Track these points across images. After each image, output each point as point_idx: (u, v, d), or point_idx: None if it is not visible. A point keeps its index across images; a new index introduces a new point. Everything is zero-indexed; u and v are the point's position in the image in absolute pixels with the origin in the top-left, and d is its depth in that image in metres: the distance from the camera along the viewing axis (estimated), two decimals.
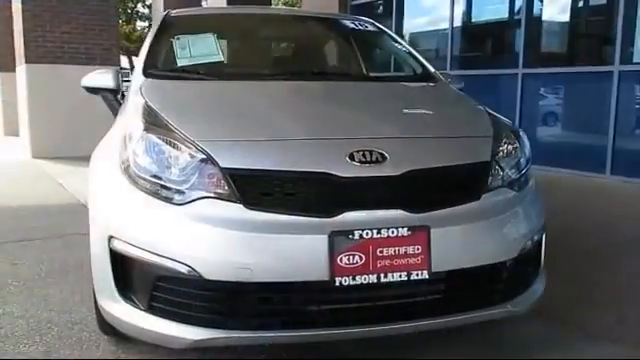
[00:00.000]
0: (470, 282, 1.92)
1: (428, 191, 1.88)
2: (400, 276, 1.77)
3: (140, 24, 31.23)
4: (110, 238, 1.89)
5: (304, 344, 1.87)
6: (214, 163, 1.80)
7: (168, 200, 1.81)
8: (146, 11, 30.09)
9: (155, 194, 1.83)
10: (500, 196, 2.00)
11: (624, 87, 6.32)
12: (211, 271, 1.73)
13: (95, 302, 2.43)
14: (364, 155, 1.83)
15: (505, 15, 8.27)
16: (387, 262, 1.76)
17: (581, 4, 7.77)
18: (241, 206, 1.75)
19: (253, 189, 1.78)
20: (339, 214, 1.76)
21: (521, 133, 2.26)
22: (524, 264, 2.04)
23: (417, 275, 1.78)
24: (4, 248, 3.61)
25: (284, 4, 26.47)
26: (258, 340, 1.78)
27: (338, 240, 1.73)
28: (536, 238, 2.09)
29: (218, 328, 1.76)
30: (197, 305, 1.78)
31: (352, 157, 1.82)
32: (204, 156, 1.82)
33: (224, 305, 1.77)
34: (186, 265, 1.74)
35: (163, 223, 1.80)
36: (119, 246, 1.86)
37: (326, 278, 1.73)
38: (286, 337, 1.79)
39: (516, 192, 2.05)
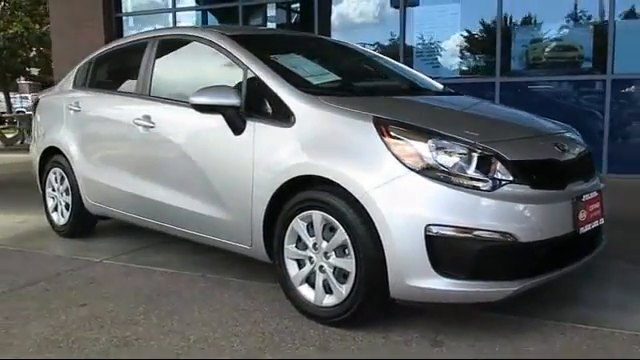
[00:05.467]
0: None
1: (586, 167, 2.85)
2: (597, 223, 2.70)
3: None
4: (427, 227, 2.31)
5: None
6: (502, 158, 2.42)
7: (478, 189, 2.35)
8: None
9: (468, 187, 2.35)
10: (598, 171, 3.09)
11: None
12: (525, 235, 2.36)
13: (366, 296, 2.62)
14: (560, 145, 2.70)
15: None
16: (591, 215, 2.67)
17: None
18: (527, 187, 2.43)
19: (527, 174, 2.46)
20: (566, 186, 2.59)
21: None
22: None
23: (600, 222, 2.74)
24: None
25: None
26: (545, 281, 2.47)
27: (577, 204, 2.57)
28: None
29: (523, 278, 2.40)
30: (511, 263, 2.38)
31: (557, 147, 2.67)
32: (492, 154, 2.41)
33: (529, 260, 2.42)
34: (509, 234, 2.33)
35: (483, 207, 2.34)
36: (440, 231, 2.31)
37: (573, 230, 2.55)
38: (554, 276, 2.52)
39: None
